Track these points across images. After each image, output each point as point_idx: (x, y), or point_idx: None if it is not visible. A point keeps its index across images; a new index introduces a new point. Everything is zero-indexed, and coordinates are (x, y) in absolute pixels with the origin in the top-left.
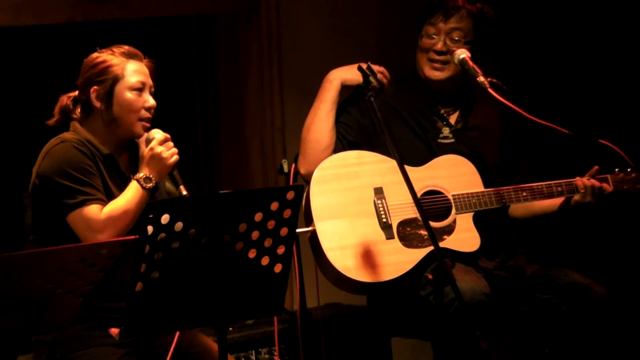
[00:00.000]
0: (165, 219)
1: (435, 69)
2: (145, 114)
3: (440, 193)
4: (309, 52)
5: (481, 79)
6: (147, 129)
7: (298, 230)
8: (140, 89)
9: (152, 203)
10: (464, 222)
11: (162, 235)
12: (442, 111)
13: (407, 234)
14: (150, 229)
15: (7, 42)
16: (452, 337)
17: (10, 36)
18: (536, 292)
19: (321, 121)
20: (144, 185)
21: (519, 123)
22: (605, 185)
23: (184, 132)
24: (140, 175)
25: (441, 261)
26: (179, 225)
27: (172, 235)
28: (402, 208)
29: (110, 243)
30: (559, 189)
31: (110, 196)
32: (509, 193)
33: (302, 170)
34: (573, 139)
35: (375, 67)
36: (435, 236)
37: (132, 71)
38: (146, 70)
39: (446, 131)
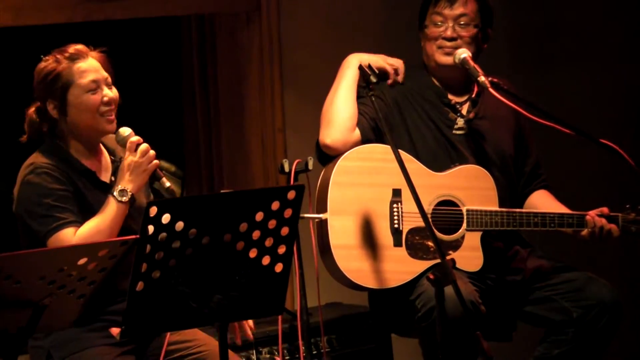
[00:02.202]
0: (166, 218)
1: (447, 53)
2: (104, 108)
3: (455, 205)
4: (310, 51)
5: (482, 78)
6: (111, 122)
7: (308, 215)
8: (94, 88)
9: (153, 202)
10: (472, 240)
11: (163, 235)
12: (453, 102)
13: (414, 242)
14: (151, 228)
15: (8, 42)
16: (439, 341)
17: (10, 36)
18: (537, 290)
19: (344, 93)
20: (119, 199)
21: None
22: (613, 227)
23: (184, 132)
24: (117, 188)
25: (443, 261)
26: (179, 225)
27: (173, 234)
28: (416, 215)
29: (111, 243)
30: (570, 220)
31: (92, 212)
32: (521, 216)
33: (328, 141)
34: (574, 138)
35: (394, 60)
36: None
37: (81, 72)
38: (96, 65)
39: (460, 122)
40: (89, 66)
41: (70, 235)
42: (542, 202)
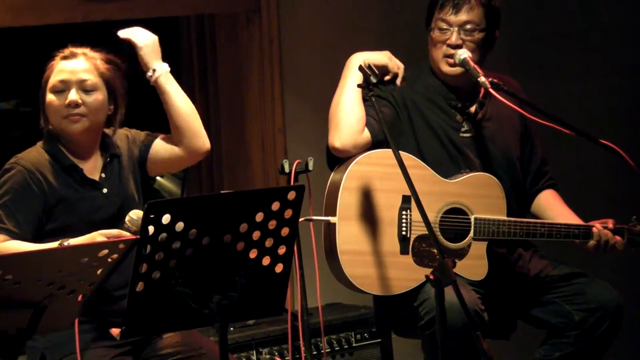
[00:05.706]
0: (166, 219)
1: (452, 65)
2: (66, 111)
3: (464, 213)
4: (310, 52)
5: (482, 79)
6: (74, 122)
7: (316, 217)
8: (60, 90)
9: (153, 203)
10: (478, 249)
11: (163, 235)
12: (460, 104)
13: (421, 249)
14: (151, 229)
15: (7, 42)
16: (440, 342)
17: (10, 36)
18: (539, 292)
19: (350, 94)
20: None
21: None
22: (618, 240)
23: None
24: (66, 241)
25: (442, 261)
26: (180, 226)
27: (173, 235)
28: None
29: (111, 243)
30: (576, 232)
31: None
32: (528, 226)
33: (338, 144)
34: (575, 138)
35: (396, 62)
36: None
37: (57, 72)
38: (79, 67)
39: (468, 125)
40: (68, 67)
41: None
42: (549, 206)
